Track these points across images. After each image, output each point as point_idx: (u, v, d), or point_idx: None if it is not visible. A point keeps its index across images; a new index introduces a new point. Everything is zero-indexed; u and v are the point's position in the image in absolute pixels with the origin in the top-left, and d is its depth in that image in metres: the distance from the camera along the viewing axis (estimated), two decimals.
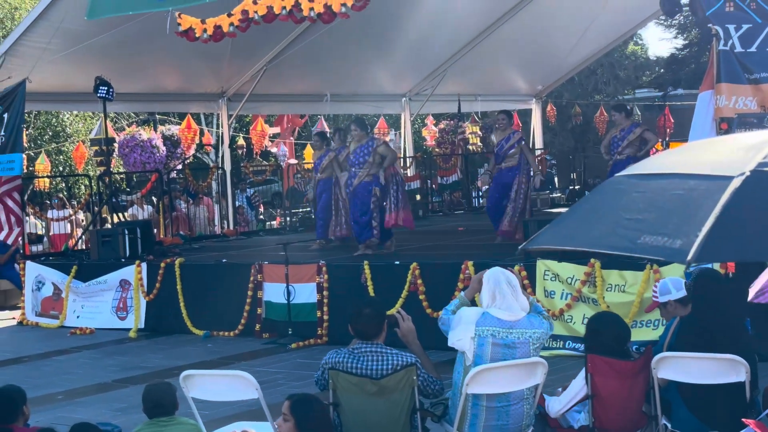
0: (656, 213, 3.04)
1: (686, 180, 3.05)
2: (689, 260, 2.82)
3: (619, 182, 3.39)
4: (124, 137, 19.59)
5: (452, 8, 16.20)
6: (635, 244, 3.03)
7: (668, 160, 3.44)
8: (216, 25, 11.47)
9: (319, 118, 23.35)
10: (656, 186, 3.15)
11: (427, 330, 6.16)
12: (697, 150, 3.52)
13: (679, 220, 2.93)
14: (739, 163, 2.93)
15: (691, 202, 2.95)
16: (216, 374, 6.10)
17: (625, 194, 3.23)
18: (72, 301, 13.43)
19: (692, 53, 34.09)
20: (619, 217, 3.13)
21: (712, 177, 2.96)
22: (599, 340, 5.42)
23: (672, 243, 2.87)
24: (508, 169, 12.60)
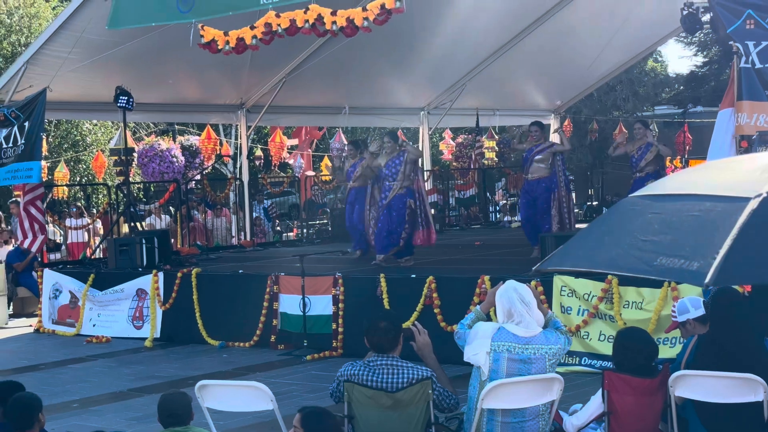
0: (672, 235, 3.01)
1: (702, 201, 3.02)
2: (707, 283, 2.80)
3: (634, 203, 3.36)
4: (143, 147, 19.69)
5: (473, 24, 16.21)
6: (652, 267, 3.00)
7: (683, 181, 3.42)
8: (239, 38, 11.52)
9: (337, 130, 23.39)
10: (672, 207, 3.12)
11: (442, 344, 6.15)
12: (713, 170, 3.50)
13: (695, 242, 2.90)
14: (756, 184, 2.90)
15: (707, 224, 2.92)
16: (231, 385, 6.11)
17: (641, 215, 3.21)
18: (88, 309, 13.48)
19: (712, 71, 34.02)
20: (635, 239, 3.10)
21: (728, 198, 2.93)
22: (629, 356, 5.39)
23: (689, 265, 2.84)
24: (535, 180, 12.53)
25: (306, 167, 24.74)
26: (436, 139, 25.88)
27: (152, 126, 29.09)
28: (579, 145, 30.73)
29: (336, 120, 20.08)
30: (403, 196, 12.29)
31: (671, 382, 5.32)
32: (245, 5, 11.56)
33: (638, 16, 16.98)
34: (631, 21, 17.18)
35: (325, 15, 10.88)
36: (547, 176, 12.49)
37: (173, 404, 5.24)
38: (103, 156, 22.17)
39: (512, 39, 17.73)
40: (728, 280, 2.92)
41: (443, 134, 24.27)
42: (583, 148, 30.91)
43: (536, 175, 12.50)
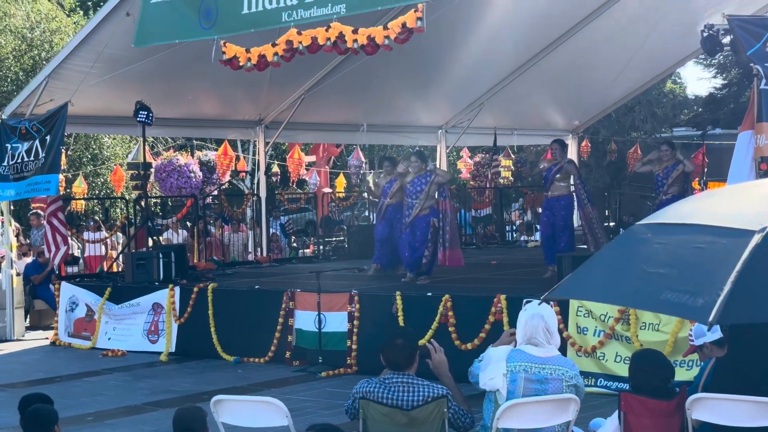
0: (678, 268, 3.00)
1: (707, 233, 3.01)
2: (711, 321, 2.78)
3: (641, 232, 3.36)
4: (162, 162, 19.78)
5: (492, 44, 16.22)
6: (657, 301, 3.00)
7: (689, 209, 3.40)
8: (260, 55, 11.59)
9: (355, 147, 23.44)
10: (677, 238, 3.12)
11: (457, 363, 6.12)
12: (719, 198, 3.48)
13: (700, 277, 2.89)
14: (759, 217, 2.88)
15: (712, 258, 2.91)
16: (246, 400, 6.11)
17: (647, 245, 3.20)
18: (104, 323, 13.52)
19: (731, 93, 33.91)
20: (641, 271, 3.10)
21: (732, 231, 2.92)
22: (645, 378, 5.36)
23: (694, 302, 2.83)
24: (555, 198, 12.53)
25: (323, 184, 24.79)
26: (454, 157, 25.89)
27: (170, 141, 29.23)
28: (596, 166, 30.65)
29: (354, 137, 20.12)
30: (426, 216, 12.37)
31: (689, 404, 5.28)
32: (267, 22, 11.64)
33: (657, 38, 16.96)
34: (650, 42, 17.16)
35: (347, 33, 10.94)
36: (567, 194, 12.54)
37: (188, 419, 5.24)
38: (122, 170, 22.29)
39: (531, 59, 17.74)
40: (732, 318, 2.90)
41: (461, 153, 24.27)
42: (600, 168, 30.83)
43: (556, 193, 12.55)
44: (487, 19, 15.34)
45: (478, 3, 14.11)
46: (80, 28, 17.57)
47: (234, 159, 21.88)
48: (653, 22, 16.23)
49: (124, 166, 22.83)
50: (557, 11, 15.86)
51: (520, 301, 9.61)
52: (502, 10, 15.10)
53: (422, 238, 12.40)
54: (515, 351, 5.42)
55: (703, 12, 14.21)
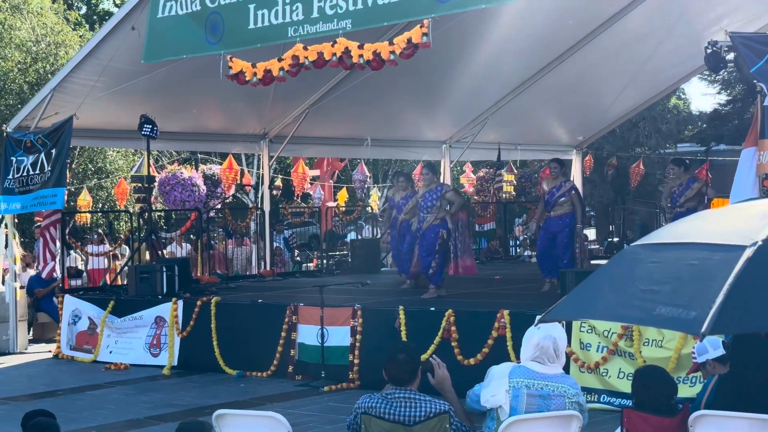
0: (671, 284, 3.05)
1: (700, 250, 3.06)
2: (703, 332, 2.81)
3: (635, 252, 3.41)
4: (166, 175, 19.81)
5: (496, 59, 16.25)
6: (651, 316, 3.04)
7: (682, 229, 3.45)
8: (266, 69, 11.64)
9: (359, 162, 23.47)
10: (671, 256, 3.16)
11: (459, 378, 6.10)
12: (712, 218, 3.53)
13: (693, 291, 2.93)
14: (752, 233, 2.92)
15: (705, 273, 2.95)
16: (249, 414, 6.10)
17: (641, 264, 3.24)
18: (106, 336, 13.52)
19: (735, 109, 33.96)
20: (635, 288, 3.14)
21: (725, 247, 2.97)
22: (649, 394, 5.35)
23: (686, 314, 2.87)
24: (558, 217, 12.59)
25: (327, 198, 24.82)
26: (457, 172, 25.94)
27: (174, 154, 29.30)
28: (601, 182, 30.66)
29: (358, 152, 20.15)
30: (436, 226, 12.48)
31: (691, 421, 5.27)
32: (273, 37, 11.69)
33: (662, 54, 16.99)
34: (655, 58, 17.19)
35: (353, 48, 10.98)
36: (569, 212, 12.59)
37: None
38: (126, 183, 22.32)
39: (535, 74, 17.77)
40: (724, 329, 2.94)
41: (464, 167, 24.30)
42: (604, 184, 30.84)
43: (559, 212, 12.62)
44: (491, 35, 15.37)
45: (482, 18, 14.14)
46: (86, 42, 17.63)
47: (239, 173, 21.92)
48: (657, 39, 16.26)
49: (128, 179, 22.87)
50: (561, 27, 15.90)
51: (524, 316, 9.62)
52: (507, 25, 15.13)
53: (429, 248, 12.47)
54: (518, 367, 5.41)
55: (706, 28, 14.26)
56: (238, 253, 19.27)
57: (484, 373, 5.61)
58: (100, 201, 26.90)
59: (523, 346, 5.56)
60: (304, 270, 20.12)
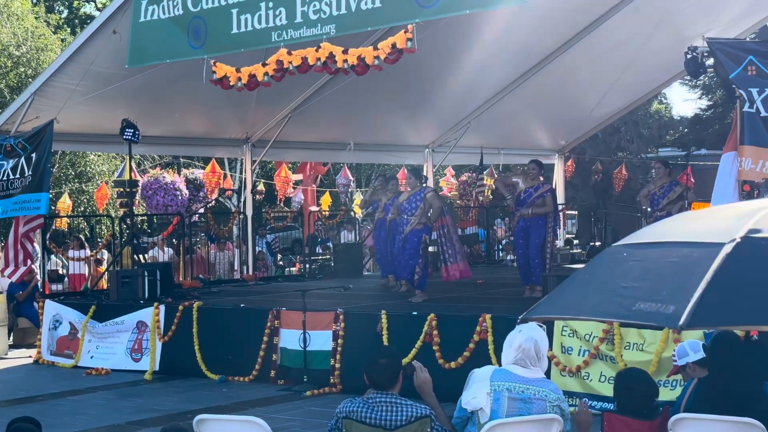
0: (651, 281, 3.09)
1: (680, 248, 3.11)
2: (681, 325, 2.84)
3: (617, 252, 3.45)
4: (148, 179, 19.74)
5: (479, 63, 16.31)
6: (630, 311, 3.08)
7: (664, 229, 3.50)
8: (251, 74, 11.63)
9: (342, 166, 23.47)
10: (651, 254, 3.21)
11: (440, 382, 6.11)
12: (692, 219, 3.58)
13: (672, 287, 2.98)
14: (731, 231, 2.98)
15: (684, 269, 3.00)
16: (230, 419, 6.08)
17: (622, 263, 3.29)
18: (87, 341, 13.45)
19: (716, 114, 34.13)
20: (615, 286, 3.18)
21: (704, 244, 3.02)
22: (630, 397, 5.37)
23: (665, 309, 2.91)
24: (531, 218, 12.52)
25: (309, 202, 24.79)
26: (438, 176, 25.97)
27: (157, 158, 29.21)
28: (583, 186, 30.76)
29: (341, 156, 20.17)
30: (419, 231, 12.51)
31: (671, 424, 5.30)
32: (257, 42, 11.68)
33: (643, 59, 17.09)
34: (636, 63, 17.28)
35: (337, 53, 10.99)
36: (543, 215, 12.49)
37: None
38: (107, 187, 22.23)
39: (517, 79, 17.84)
40: (701, 323, 2.98)
41: (445, 171, 24.33)
42: (587, 188, 30.95)
43: (533, 213, 12.48)
44: (474, 40, 15.42)
45: (465, 24, 14.18)
46: (67, 46, 17.57)
47: (221, 177, 21.87)
48: (639, 44, 16.35)
49: (110, 183, 22.79)
50: (544, 32, 15.97)
51: (506, 320, 9.64)
52: (490, 31, 15.18)
53: (412, 252, 12.49)
54: (499, 370, 5.42)
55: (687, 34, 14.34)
56: (221, 257, 19.21)
57: (465, 376, 5.61)
58: (81, 205, 26.79)
59: (505, 350, 5.56)
60: (287, 274, 20.08)
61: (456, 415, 5.49)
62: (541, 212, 12.47)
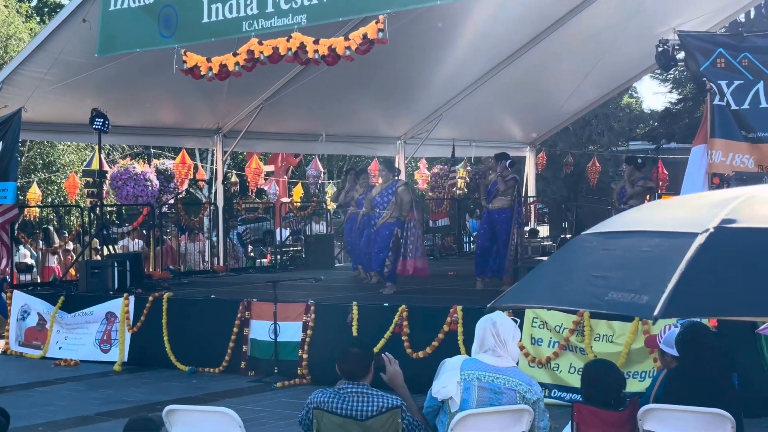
0: (623, 271, 3.09)
1: (652, 237, 3.10)
2: (656, 316, 2.84)
3: (586, 240, 3.42)
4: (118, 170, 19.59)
5: (450, 55, 16.32)
6: (603, 301, 3.07)
7: (635, 217, 3.49)
8: (221, 64, 11.56)
9: (313, 157, 23.40)
10: (623, 244, 3.19)
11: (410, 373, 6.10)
12: (664, 208, 3.58)
13: (645, 277, 2.97)
14: (704, 220, 2.98)
15: (657, 259, 2.99)
16: (199, 410, 6.04)
17: (593, 252, 3.27)
18: (56, 332, 13.34)
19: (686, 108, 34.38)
20: (587, 275, 3.16)
21: (677, 234, 3.01)
22: (597, 388, 5.39)
23: (639, 299, 2.90)
24: (497, 210, 12.49)
25: (281, 194, 24.70)
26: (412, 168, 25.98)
27: (127, 149, 29.00)
28: (554, 178, 30.88)
29: (313, 147, 20.12)
30: (391, 224, 12.45)
31: (640, 415, 5.32)
32: (227, 32, 11.61)
33: (614, 52, 17.16)
34: (608, 56, 17.35)
35: (308, 43, 10.94)
36: (508, 207, 12.42)
37: (135, 429, 5.16)
38: (76, 177, 22.04)
39: (489, 71, 17.86)
40: (675, 312, 2.99)
41: (418, 164, 24.35)
42: (558, 181, 31.08)
43: (497, 205, 12.41)
44: (446, 33, 15.41)
45: (436, 16, 14.17)
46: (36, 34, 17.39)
47: (192, 168, 21.74)
48: (610, 37, 16.42)
49: (79, 173, 22.59)
50: (516, 25, 16.00)
51: (476, 312, 9.65)
52: (462, 24, 15.19)
53: (383, 245, 12.48)
54: (470, 360, 5.42)
55: (659, 27, 14.42)
56: (192, 248, 19.12)
57: (433, 366, 5.61)
58: (50, 195, 26.55)
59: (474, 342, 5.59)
60: (258, 266, 20.02)
61: (426, 405, 5.49)
62: (505, 205, 12.36)
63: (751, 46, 10.18)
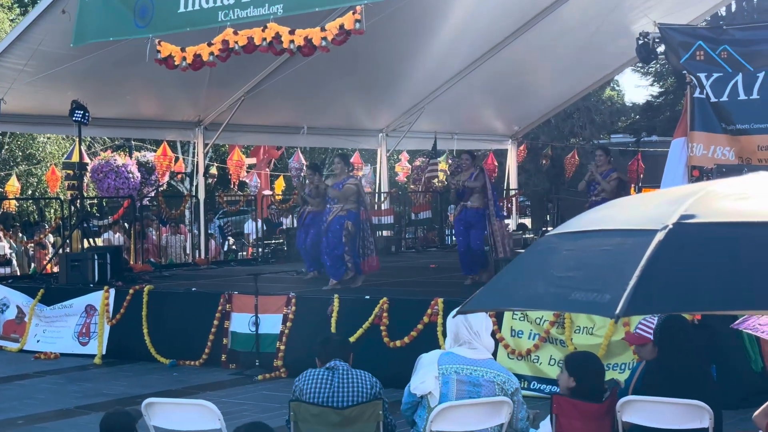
0: (585, 270, 3.11)
1: (613, 236, 3.13)
2: (617, 314, 2.86)
3: (549, 242, 3.46)
4: (99, 162, 19.51)
5: (432, 48, 16.32)
6: (567, 301, 3.09)
7: (596, 216, 3.52)
8: (196, 54, 11.49)
9: (295, 150, 23.36)
10: (584, 244, 3.22)
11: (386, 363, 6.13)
12: (625, 206, 3.61)
13: (607, 276, 2.99)
14: (663, 217, 3.00)
15: (618, 258, 3.02)
16: (179, 403, 6.04)
17: (555, 253, 3.29)
18: (35, 325, 13.26)
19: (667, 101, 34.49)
20: (551, 276, 3.18)
21: (637, 232, 3.04)
22: (579, 380, 5.41)
23: (601, 298, 2.93)
24: (473, 209, 12.42)
25: (263, 186, 24.65)
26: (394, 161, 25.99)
27: (108, 141, 28.86)
28: (535, 171, 30.93)
29: (294, 140, 20.07)
30: (341, 218, 12.08)
31: (619, 407, 5.34)
32: (203, 21, 11.55)
33: (595, 45, 17.20)
34: (589, 49, 17.39)
35: (283, 34, 10.88)
36: (483, 206, 12.35)
37: (114, 423, 5.12)
38: (57, 170, 21.94)
39: (471, 64, 17.86)
40: (637, 310, 3.01)
41: (400, 156, 24.34)
42: (539, 174, 31.13)
43: (474, 205, 12.30)
44: (428, 26, 15.41)
45: (419, 9, 14.17)
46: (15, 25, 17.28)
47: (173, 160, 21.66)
48: (591, 30, 16.45)
49: (59, 165, 22.48)
50: (498, 18, 16.00)
51: (457, 304, 9.64)
52: (444, 17, 15.18)
53: (335, 241, 12.08)
54: (446, 353, 5.43)
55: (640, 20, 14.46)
56: (173, 241, 19.06)
57: (410, 358, 5.62)
58: (30, 188, 26.41)
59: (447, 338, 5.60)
60: (240, 258, 19.98)
61: (405, 401, 5.49)
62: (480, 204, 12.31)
63: (731, 39, 10.23)
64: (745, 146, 10.13)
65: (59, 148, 27.06)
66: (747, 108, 10.16)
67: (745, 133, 10.17)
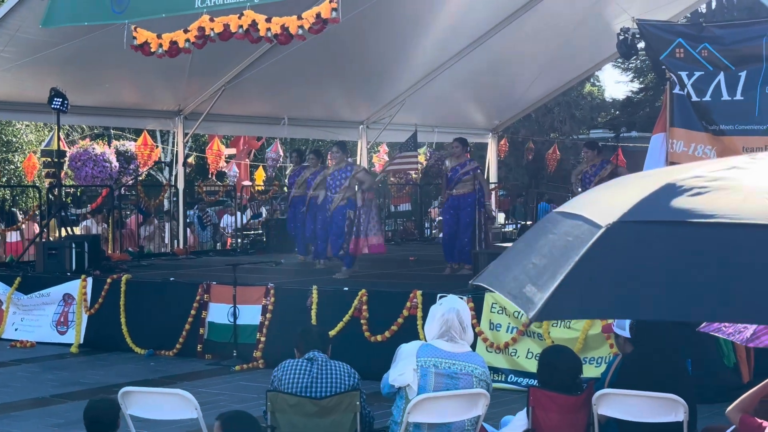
0: (547, 260, 2.89)
1: (578, 223, 2.88)
2: (531, 318, 2.70)
3: (548, 219, 3.23)
4: (77, 150, 19.41)
5: (413, 40, 16.32)
6: (519, 293, 2.89)
7: (588, 199, 3.28)
8: (172, 41, 11.40)
9: (275, 140, 23.32)
10: (562, 228, 2.98)
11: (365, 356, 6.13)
12: (612, 189, 3.34)
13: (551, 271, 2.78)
14: (613, 213, 2.78)
15: (565, 252, 2.80)
16: (155, 392, 6.03)
17: (543, 235, 3.09)
18: (12, 313, 13.18)
19: (647, 97, 34.62)
20: (528, 261, 2.99)
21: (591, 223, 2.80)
22: (553, 373, 5.44)
23: (534, 296, 2.73)
24: (460, 195, 12.52)
25: (243, 177, 24.60)
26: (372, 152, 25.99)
27: (87, 129, 28.69)
28: (516, 165, 31.00)
29: (275, 131, 20.01)
30: (343, 207, 12.32)
31: (595, 400, 5.38)
32: (179, 8, 11.47)
33: (577, 40, 17.23)
34: (570, 44, 17.43)
35: (260, 21, 10.81)
36: (471, 192, 12.45)
37: (98, 411, 5.13)
38: (35, 158, 21.80)
39: (452, 57, 17.87)
40: (551, 315, 2.80)
41: (378, 148, 24.34)
42: (519, 168, 31.21)
43: (462, 191, 12.44)
44: (408, 16, 15.39)
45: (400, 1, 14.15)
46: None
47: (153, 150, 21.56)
48: (572, 24, 16.48)
49: (37, 153, 22.34)
50: (479, 11, 16.01)
51: (437, 297, 9.68)
52: (425, 9, 15.17)
53: (338, 231, 12.37)
54: (425, 346, 5.44)
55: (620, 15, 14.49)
56: (151, 230, 18.96)
57: (391, 351, 5.63)
58: (6, 175, 26.23)
59: (428, 324, 5.60)
60: (219, 249, 19.93)
61: (385, 390, 5.51)
62: (469, 190, 12.40)
63: (711, 37, 10.26)
64: (728, 147, 10.14)
65: (37, 136, 26.88)
66: (730, 109, 10.15)
67: (728, 134, 10.18)
